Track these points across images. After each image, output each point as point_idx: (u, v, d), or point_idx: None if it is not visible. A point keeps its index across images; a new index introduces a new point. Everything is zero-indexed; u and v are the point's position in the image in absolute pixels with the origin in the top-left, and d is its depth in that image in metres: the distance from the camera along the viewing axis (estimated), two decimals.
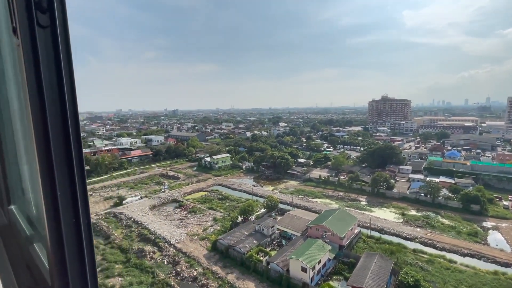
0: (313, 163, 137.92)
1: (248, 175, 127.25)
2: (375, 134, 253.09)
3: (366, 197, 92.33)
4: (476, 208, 76.43)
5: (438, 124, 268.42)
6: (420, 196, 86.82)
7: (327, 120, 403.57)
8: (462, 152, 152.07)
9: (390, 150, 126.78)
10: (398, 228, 68.92)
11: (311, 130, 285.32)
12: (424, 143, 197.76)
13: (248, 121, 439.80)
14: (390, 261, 49.93)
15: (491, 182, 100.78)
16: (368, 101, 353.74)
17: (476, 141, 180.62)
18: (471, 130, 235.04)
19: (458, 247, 59.06)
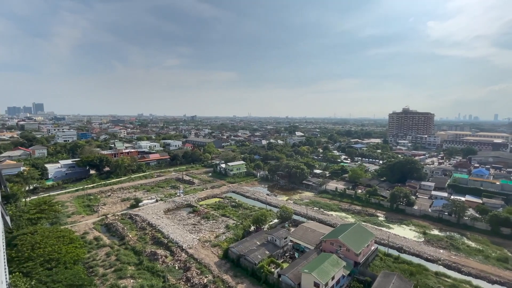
0: (329, 174, 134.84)
1: (262, 183, 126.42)
2: (395, 147, 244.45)
3: (384, 212, 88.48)
4: (507, 231, 70.81)
5: (464, 140, 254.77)
6: (443, 215, 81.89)
7: (345, 131, 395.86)
8: (490, 170, 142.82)
9: (411, 164, 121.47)
10: (419, 248, 65.07)
11: (328, 141, 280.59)
12: (449, 159, 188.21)
13: (264, 129, 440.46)
14: (409, 283, 47.00)
15: None
16: (389, 113, 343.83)
17: (507, 159, 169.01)
18: (501, 147, 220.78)
19: (486, 273, 54.63)
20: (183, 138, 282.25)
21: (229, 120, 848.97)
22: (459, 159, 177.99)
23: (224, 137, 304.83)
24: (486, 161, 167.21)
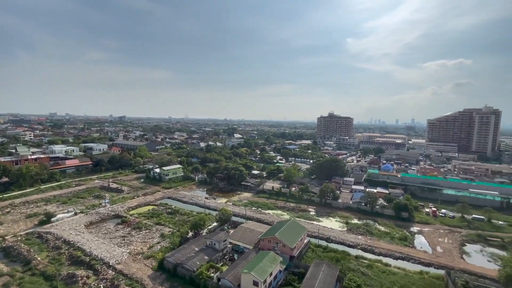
0: (266, 175, 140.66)
1: (201, 187, 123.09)
2: (323, 148, 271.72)
3: (315, 207, 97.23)
4: (406, 215, 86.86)
5: (375, 140, 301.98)
6: (361, 206, 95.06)
7: (280, 133, 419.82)
8: (394, 165, 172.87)
9: (335, 163, 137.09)
10: (343, 236, 73.82)
11: (265, 143, 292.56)
12: (364, 157, 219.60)
13: (202, 131, 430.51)
14: (336, 269, 52.74)
15: (416, 192, 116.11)
16: (317, 117, 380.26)
17: (405, 156, 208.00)
18: (401, 146, 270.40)
19: (392, 251, 65.70)
20: (109, 141, 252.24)
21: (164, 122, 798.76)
22: (372, 157, 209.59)
23: (158, 140, 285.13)
24: (391, 158, 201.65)
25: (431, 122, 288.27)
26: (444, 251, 66.73)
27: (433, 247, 68.95)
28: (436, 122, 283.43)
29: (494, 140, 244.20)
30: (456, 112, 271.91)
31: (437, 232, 78.00)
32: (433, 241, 72.30)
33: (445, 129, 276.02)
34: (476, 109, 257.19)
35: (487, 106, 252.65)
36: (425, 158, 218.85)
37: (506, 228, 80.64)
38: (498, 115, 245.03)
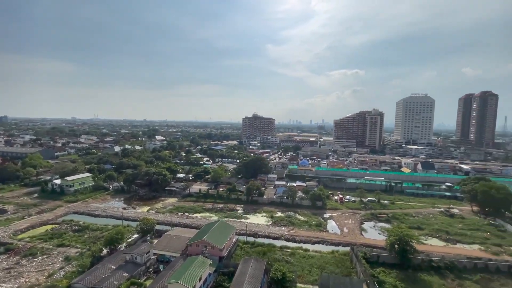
0: (193, 177, 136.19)
1: (117, 196, 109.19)
2: (248, 147, 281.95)
3: (242, 205, 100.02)
4: (320, 204, 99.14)
5: (294, 139, 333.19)
6: (283, 200, 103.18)
7: (206, 134, 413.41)
8: (309, 160, 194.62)
9: (260, 161, 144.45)
10: (268, 230, 78.53)
11: (191, 144, 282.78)
12: (285, 154, 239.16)
13: (117, 134, 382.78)
14: (263, 262, 55.61)
15: (327, 182, 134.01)
16: (242, 118, 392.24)
17: (317, 152, 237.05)
18: (314, 143, 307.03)
19: (310, 238, 73.88)
20: None
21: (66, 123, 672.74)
22: (291, 154, 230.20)
23: (58, 145, 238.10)
24: (307, 154, 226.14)
25: (337, 122, 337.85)
26: (349, 231, 79.30)
27: (341, 229, 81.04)
28: (340, 122, 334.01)
29: (380, 136, 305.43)
30: (354, 114, 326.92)
31: (343, 216, 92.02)
32: (341, 224, 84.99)
33: (347, 128, 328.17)
34: (367, 111, 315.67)
35: (374, 109, 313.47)
36: (333, 153, 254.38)
37: (389, 206, 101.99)
38: (382, 116, 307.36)
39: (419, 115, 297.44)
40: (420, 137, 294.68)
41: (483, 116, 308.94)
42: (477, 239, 73.73)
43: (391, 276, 53.52)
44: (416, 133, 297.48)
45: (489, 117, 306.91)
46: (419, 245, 64.69)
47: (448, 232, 78.10)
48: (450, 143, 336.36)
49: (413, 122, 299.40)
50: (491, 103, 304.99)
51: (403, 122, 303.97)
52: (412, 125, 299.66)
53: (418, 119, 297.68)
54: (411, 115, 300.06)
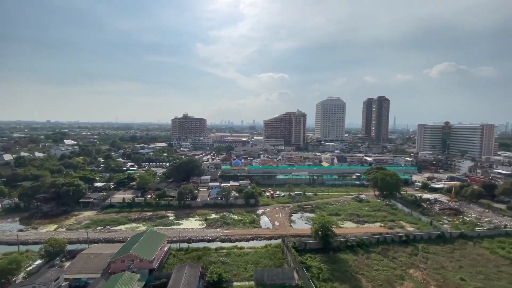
0: (114, 185, 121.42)
1: (9, 217, 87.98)
2: (179, 149, 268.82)
3: (174, 211, 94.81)
4: (253, 201, 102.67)
5: (226, 140, 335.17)
6: (217, 201, 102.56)
7: (130, 137, 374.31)
8: (242, 160, 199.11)
9: (192, 163, 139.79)
10: (203, 233, 76.79)
11: (111, 148, 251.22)
12: (218, 155, 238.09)
13: (7, 139, 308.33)
14: (198, 267, 54.00)
15: (259, 180, 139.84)
16: (172, 118, 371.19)
17: (250, 151, 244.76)
18: (246, 143, 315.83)
19: (244, 235, 75.69)
20: None
21: None
22: (224, 154, 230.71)
23: None
24: (239, 154, 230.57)
25: (266, 123, 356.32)
26: (280, 224, 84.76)
27: (272, 223, 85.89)
28: (269, 122, 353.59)
29: (304, 135, 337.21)
30: (281, 115, 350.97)
31: (275, 210, 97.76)
32: (273, 218, 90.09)
33: (275, 127, 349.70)
34: (293, 112, 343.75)
35: (298, 110, 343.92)
36: (264, 152, 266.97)
37: (313, 197, 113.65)
38: (305, 117, 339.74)
39: (334, 116, 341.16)
40: (335, 135, 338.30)
41: (380, 117, 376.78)
42: (379, 218, 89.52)
43: (316, 260, 59.74)
44: (332, 132, 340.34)
45: (384, 117, 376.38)
46: (337, 229, 74.34)
47: (358, 215, 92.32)
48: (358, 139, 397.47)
49: (330, 122, 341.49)
50: (385, 106, 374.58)
51: (322, 122, 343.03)
52: (329, 125, 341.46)
53: (333, 119, 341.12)
54: (328, 115, 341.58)
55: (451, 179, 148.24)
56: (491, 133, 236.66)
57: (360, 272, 55.66)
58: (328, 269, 55.93)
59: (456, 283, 52.35)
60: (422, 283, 52.29)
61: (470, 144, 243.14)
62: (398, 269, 56.93)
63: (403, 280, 53.10)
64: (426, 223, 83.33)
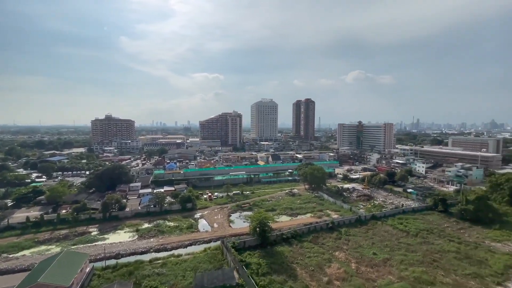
0: (13, 202, 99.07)
1: None
2: (102, 155, 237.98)
3: (98, 225, 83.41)
4: (190, 205, 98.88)
5: (159, 142, 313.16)
6: (150, 208, 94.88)
7: (34, 142, 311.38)
8: (177, 163, 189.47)
9: (119, 170, 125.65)
10: (134, 246, 69.87)
11: (7, 157, 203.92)
12: (149, 159, 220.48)
13: None
14: (129, 283, 48.96)
15: (196, 183, 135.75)
16: (92, 120, 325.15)
17: (185, 153, 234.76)
18: (181, 145, 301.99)
19: (182, 242, 72.21)
20: None
21: None
22: (156, 158, 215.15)
23: None
24: (174, 157, 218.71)
25: (202, 123, 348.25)
26: (219, 226, 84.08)
27: (211, 225, 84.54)
28: (205, 123, 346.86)
29: (240, 135, 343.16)
30: (217, 115, 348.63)
31: (213, 212, 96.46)
32: (211, 220, 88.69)
33: (212, 128, 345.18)
34: (229, 113, 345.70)
35: (234, 111, 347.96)
36: (200, 154, 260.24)
37: (250, 195, 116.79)
38: (241, 117, 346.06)
39: (268, 116, 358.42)
40: (269, 134, 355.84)
41: (308, 117, 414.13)
42: (309, 209, 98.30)
43: (255, 256, 61.54)
44: (267, 131, 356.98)
45: (311, 117, 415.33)
46: (274, 224, 78.29)
47: (291, 208, 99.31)
48: (290, 138, 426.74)
49: (264, 122, 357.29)
50: (311, 107, 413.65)
51: (256, 122, 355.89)
52: (264, 125, 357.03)
53: (267, 119, 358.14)
54: (262, 116, 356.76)
55: (364, 170, 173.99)
56: (391, 130, 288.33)
57: (295, 262, 59.98)
58: (267, 263, 58.37)
59: (370, 257, 61.84)
60: (345, 262, 59.88)
61: (377, 139, 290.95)
62: (326, 254, 63.68)
63: (330, 262, 59.68)
64: (347, 210, 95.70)
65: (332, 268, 57.23)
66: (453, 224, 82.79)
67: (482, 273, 55.20)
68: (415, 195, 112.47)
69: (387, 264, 59.17)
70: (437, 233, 75.16)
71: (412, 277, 53.30)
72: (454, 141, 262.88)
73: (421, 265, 58.06)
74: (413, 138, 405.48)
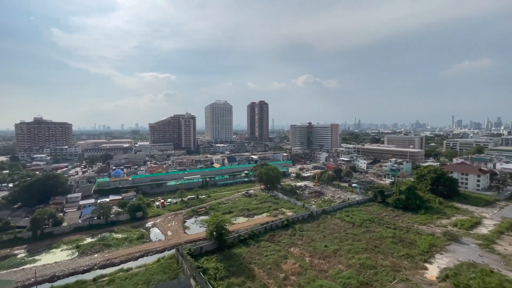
0: None
1: None
2: (30, 163, 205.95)
3: (26, 245, 71.82)
4: (140, 214, 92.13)
5: (102, 147, 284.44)
6: (93, 221, 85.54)
7: None
8: (124, 169, 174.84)
9: (53, 180, 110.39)
10: (74, 264, 62.07)
11: None
12: (91, 166, 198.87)
13: None
14: None
15: (147, 190, 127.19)
16: (15, 124, 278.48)
17: (133, 159, 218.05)
18: (129, 150, 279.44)
19: (131, 254, 66.75)
20: None
21: None
22: (100, 165, 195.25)
23: None
24: (120, 163, 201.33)
25: (152, 126, 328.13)
26: (173, 233, 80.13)
27: (165, 234, 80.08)
28: (156, 126, 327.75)
29: (194, 138, 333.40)
30: (169, 117, 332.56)
31: (166, 219, 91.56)
32: (165, 228, 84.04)
33: (163, 131, 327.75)
34: (182, 115, 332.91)
35: (187, 113, 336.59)
36: (151, 158, 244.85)
37: (206, 199, 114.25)
38: (194, 119, 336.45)
39: (222, 118, 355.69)
40: (224, 136, 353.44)
41: (262, 119, 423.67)
42: (265, 209, 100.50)
43: (213, 261, 60.32)
44: (222, 133, 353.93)
45: (265, 119, 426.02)
46: (231, 226, 77.92)
47: (248, 209, 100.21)
48: (245, 139, 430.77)
49: (219, 124, 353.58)
50: (265, 109, 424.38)
51: (211, 124, 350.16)
52: (219, 127, 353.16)
53: (222, 121, 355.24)
54: (217, 118, 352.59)
55: (314, 168, 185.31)
56: (337, 131, 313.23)
57: (253, 262, 60.59)
58: (225, 266, 57.72)
59: (322, 250, 66.04)
60: (300, 257, 62.81)
61: (325, 139, 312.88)
62: (282, 250, 65.88)
63: (286, 259, 61.87)
64: (300, 207, 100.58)
65: (288, 264, 59.42)
66: (389, 212, 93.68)
67: (413, 253, 63.65)
68: (358, 189, 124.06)
69: (337, 254, 63.93)
70: (377, 221, 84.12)
71: (358, 264, 58.58)
72: (389, 139, 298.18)
73: (365, 252, 64.25)
74: (356, 137, 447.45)
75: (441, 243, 68.59)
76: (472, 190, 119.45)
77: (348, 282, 51.64)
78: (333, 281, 52.74)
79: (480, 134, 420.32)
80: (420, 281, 52.50)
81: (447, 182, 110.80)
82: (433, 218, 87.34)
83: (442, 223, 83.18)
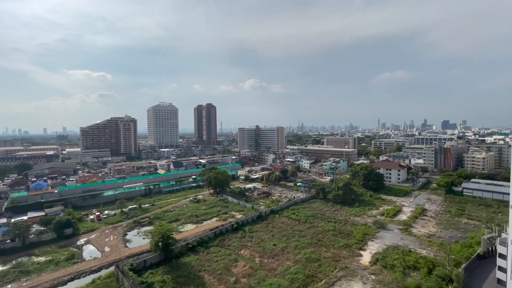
0: None
1: None
2: None
3: None
4: (69, 231, 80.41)
5: (18, 155, 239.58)
6: (6, 245, 71.17)
7: None
8: (48, 181, 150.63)
9: None
10: None
11: None
12: (2, 179, 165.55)
13: None
14: None
15: (78, 202, 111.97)
16: None
17: (60, 168, 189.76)
18: (54, 158, 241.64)
19: (58, 279, 57.60)
20: None
21: None
22: (15, 177, 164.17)
23: None
24: (43, 173, 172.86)
25: (84, 130, 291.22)
26: (111, 249, 72.17)
27: (101, 250, 71.57)
28: (89, 130, 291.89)
29: (135, 142, 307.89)
30: (105, 120, 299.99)
31: (103, 234, 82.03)
32: (101, 244, 75.13)
33: (97, 136, 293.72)
34: (120, 118, 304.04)
35: (127, 116, 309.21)
36: (83, 166, 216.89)
37: (150, 208, 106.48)
38: (135, 123, 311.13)
39: (167, 121, 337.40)
40: (170, 140, 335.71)
41: (209, 122, 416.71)
42: (215, 214, 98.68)
43: (158, 274, 56.40)
44: (167, 137, 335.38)
45: (213, 122, 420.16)
46: (178, 235, 74.21)
47: (197, 215, 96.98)
48: (192, 143, 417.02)
49: (163, 127, 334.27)
50: (213, 112, 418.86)
51: (154, 128, 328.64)
52: (163, 130, 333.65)
53: (167, 124, 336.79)
54: (161, 121, 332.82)
55: (263, 170, 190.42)
56: (282, 133, 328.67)
57: (202, 269, 58.74)
58: (172, 278, 54.58)
59: (271, 249, 68.06)
60: (250, 258, 63.50)
61: (272, 141, 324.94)
62: (233, 254, 65.61)
63: (237, 262, 61.80)
64: (250, 208, 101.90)
65: (239, 267, 59.45)
66: (330, 208, 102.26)
67: (350, 243, 70.66)
68: (303, 187, 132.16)
69: (285, 251, 66.72)
70: (320, 217, 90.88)
71: (304, 259, 62.16)
72: (328, 140, 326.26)
73: (310, 247, 68.63)
74: (299, 139, 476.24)
75: (372, 232, 77.87)
76: (394, 183, 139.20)
77: (296, 277, 54.32)
78: (282, 278, 54.79)
79: (399, 135, 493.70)
80: (357, 267, 58.58)
81: (375, 177, 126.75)
82: (365, 209, 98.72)
83: (372, 214, 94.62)
